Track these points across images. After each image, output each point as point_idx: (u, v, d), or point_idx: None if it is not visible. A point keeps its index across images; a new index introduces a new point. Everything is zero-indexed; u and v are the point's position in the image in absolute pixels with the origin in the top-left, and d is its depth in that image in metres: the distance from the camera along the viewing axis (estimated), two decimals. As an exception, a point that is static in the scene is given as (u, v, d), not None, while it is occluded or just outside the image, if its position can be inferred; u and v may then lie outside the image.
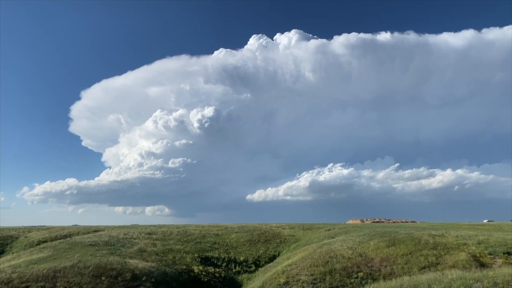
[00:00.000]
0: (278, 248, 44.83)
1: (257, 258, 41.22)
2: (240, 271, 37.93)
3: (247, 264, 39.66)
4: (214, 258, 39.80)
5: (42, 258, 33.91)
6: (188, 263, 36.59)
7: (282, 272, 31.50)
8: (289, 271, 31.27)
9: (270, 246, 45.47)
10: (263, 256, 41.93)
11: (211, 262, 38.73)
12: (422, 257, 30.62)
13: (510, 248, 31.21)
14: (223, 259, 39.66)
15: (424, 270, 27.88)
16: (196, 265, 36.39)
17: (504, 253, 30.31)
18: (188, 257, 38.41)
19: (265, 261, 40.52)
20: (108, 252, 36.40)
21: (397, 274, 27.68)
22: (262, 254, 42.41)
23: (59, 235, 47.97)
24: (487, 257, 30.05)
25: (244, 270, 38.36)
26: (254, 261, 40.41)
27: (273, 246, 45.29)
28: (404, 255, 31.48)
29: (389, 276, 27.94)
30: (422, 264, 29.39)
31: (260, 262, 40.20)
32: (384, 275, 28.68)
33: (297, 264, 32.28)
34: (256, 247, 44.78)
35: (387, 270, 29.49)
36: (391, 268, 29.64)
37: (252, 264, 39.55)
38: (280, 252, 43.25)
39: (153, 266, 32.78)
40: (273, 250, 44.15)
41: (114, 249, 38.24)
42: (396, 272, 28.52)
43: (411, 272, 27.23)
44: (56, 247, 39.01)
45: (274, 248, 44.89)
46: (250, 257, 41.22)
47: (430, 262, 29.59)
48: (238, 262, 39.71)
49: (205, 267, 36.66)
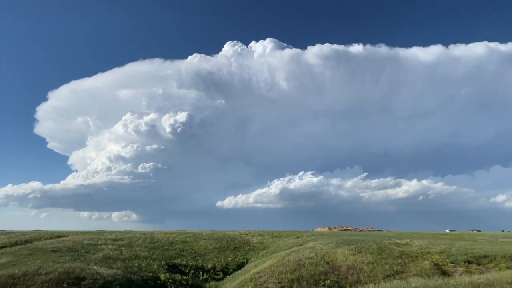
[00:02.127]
0: (246, 256, 44.71)
1: (226, 265, 40.95)
2: (207, 278, 37.56)
3: (215, 271, 39.32)
4: (182, 265, 39.26)
5: (0, 265, 32.50)
6: (154, 270, 35.93)
7: (250, 279, 31.43)
8: (257, 278, 31.23)
9: (239, 253, 45.30)
10: (232, 263, 41.71)
11: (179, 270, 38.18)
12: (387, 265, 31.26)
13: (470, 257, 32.32)
14: (191, 267, 39.18)
15: (389, 278, 28.47)
16: (163, 273, 35.78)
17: (465, 262, 31.37)
18: (155, 264, 37.74)
19: (233, 269, 40.30)
20: (72, 258, 35.29)
21: (363, 282, 28.15)
22: (230, 261, 42.18)
23: (20, 240, 46.09)
24: (449, 266, 31.02)
25: (212, 277, 38.00)
26: (222, 268, 40.12)
27: (241, 254, 45.14)
28: (370, 263, 32.06)
29: (355, 284, 28.39)
30: (387, 272, 30.00)
31: (228, 270, 39.96)
32: (351, 283, 29.10)
33: (265, 272, 32.29)
34: (224, 254, 44.50)
35: (354, 278, 29.93)
36: (357, 276, 30.10)
37: (220, 272, 39.26)
38: (248, 260, 43.15)
39: (118, 273, 32.01)
40: (241, 257, 43.99)
41: (78, 255, 37.12)
42: (362, 280, 28.99)
43: (376, 280, 27.74)
44: (15, 253, 37.48)
45: (242, 255, 44.74)
46: (218, 264, 40.92)
47: (395, 270, 30.26)
48: (206, 269, 39.32)
49: (172, 274, 36.10)
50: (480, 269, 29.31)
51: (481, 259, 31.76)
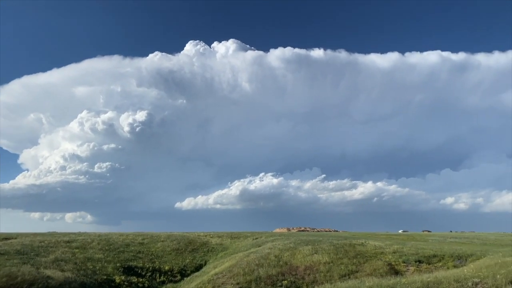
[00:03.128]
0: (205, 257, 44.36)
1: (183, 267, 40.43)
2: (164, 280, 36.92)
3: (172, 273, 38.71)
4: (138, 267, 38.36)
5: None
6: (109, 273, 34.88)
7: (208, 281, 31.22)
8: (215, 280, 31.08)
9: (197, 255, 44.86)
10: (190, 265, 41.23)
11: (135, 272, 37.28)
12: (343, 265, 32.04)
13: (421, 256, 33.75)
14: (148, 269, 38.37)
15: (344, 278, 29.17)
16: (118, 275, 34.81)
17: (416, 261, 32.72)
18: (110, 266, 36.65)
19: (192, 271, 39.87)
20: (20, 261, 33.58)
21: (319, 282, 28.68)
22: (188, 263, 41.69)
23: (-37, 243, 43.40)
24: (401, 265, 32.23)
25: (169, 279, 37.39)
26: (180, 270, 39.58)
27: (200, 255, 44.73)
28: (327, 263, 32.73)
29: (312, 284, 28.89)
30: (343, 272, 30.73)
31: (186, 272, 39.48)
32: (308, 283, 29.56)
33: (223, 273, 32.19)
34: (182, 256, 43.92)
35: (310, 278, 30.43)
36: (314, 276, 30.62)
37: (178, 274, 38.71)
38: (207, 261, 42.83)
39: (70, 276, 30.80)
40: (200, 259, 43.58)
41: (28, 258, 35.38)
42: (318, 280, 29.54)
43: (332, 280, 28.35)
44: (-42, 256, 35.20)
45: (201, 257, 44.34)
46: (176, 266, 40.32)
47: (350, 270, 31.05)
48: (163, 271, 38.63)
49: (128, 277, 35.20)
50: (429, 268, 30.65)
51: (431, 259, 33.24)
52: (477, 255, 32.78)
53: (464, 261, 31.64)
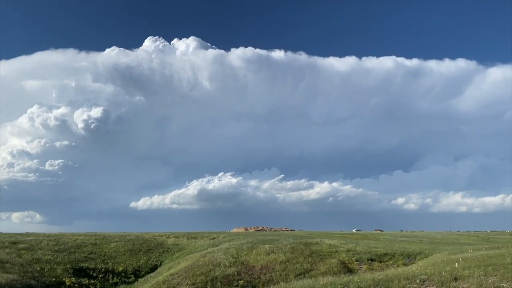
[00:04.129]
0: (160, 258, 43.57)
1: (138, 268, 39.51)
2: (118, 282, 35.94)
3: (126, 274, 37.74)
4: (90, 269, 37.08)
5: None
6: (58, 275, 33.50)
7: (163, 282, 30.71)
8: (170, 281, 30.61)
9: (153, 255, 43.98)
10: (144, 266, 40.35)
11: (86, 274, 36.01)
12: (298, 264, 32.52)
13: (373, 255, 34.89)
14: (100, 270, 37.17)
15: (300, 276, 29.61)
16: (68, 277, 33.51)
17: (368, 260, 33.78)
18: (60, 268, 35.20)
19: (146, 271, 39.06)
20: (-40, 264, 31.56)
21: (275, 281, 28.93)
22: (143, 264, 40.78)
23: None
24: (354, 264, 33.16)
25: (122, 281, 36.44)
26: (134, 271, 38.66)
27: (155, 256, 43.87)
28: (282, 262, 33.09)
29: (268, 283, 29.10)
30: (298, 271, 31.19)
31: (141, 273, 38.62)
32: (264, 282, 29.76)
33: (179, 274, 31.76)
34: (137, 256, 42.90)
35: (267, 277, 30.65)
36: (270, 275, 30.87)
37: (132, 275, 37.78)
38: (162, 262, 42.10)
39: (15, 279, 29.26)
40: (155, 259, 42.75)
41: (-32, 260, 33.30)
42: (274, 279, 29.80)
43: (288, 279, 28.67)
44: None
45: (156, 257, 43.51)
46: (130, 267, 39.34)
47: (306, 269, 31.58)
48: (116, 273, 37.57)
49: (79, 279, 33.96)
50: (381, 266, 31.74)
51: (382, 257, 34.44)
52: (425, 253, 34.33)
53: (413, 259, 33.02)
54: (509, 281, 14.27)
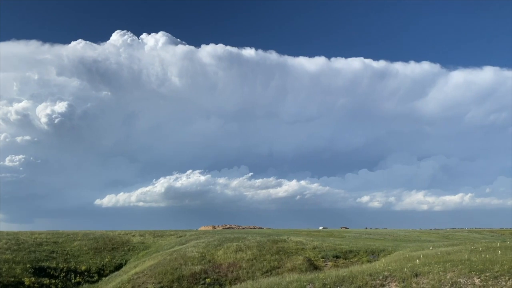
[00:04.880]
0: (125, 256, 42.75)
1: (102, 267, 38.61)
2: (80, 281, 35.02)
3: (89, 274, 36.81)
4: (51, 268, 35.92)
5: None
6: (17, 275, 32.27)
7: (128, 281, 30.17)
8: (135, 279, 30.10)
9: (117, 254, 43.08)
10: (109, 265, 39.48)
11: (47, 273, 34.87)
12: (265, 261, 32.71)
13: (338, 252, 35.55)
14: (62, 269, 36.07)
15: (266, 274, 29.79)
16: (28, 277, 32.33)
17: (334, 257, 34.40)
18: (19, 268, 33.90)
19: (111, 270, 38.26)
20: None
21: (242, 279, 28.98)
22: (107, 262, 39.89)
23: None
24: (320, 261, 33.69)
25: (85, 280, 35.54)
26: (98, 270, 37.76)
27: (120, 254, 43.00)
28: (250, 260, 33.20)
29: (235, 281, 29.10)
30: (265, 268, 31.38)
31: (105, 272, 37.77)
32: (231, 280, 29.75)
33: (144, 273, 31.27)
34: (101, 255, 41.90)
35: (234, 275, 30.66)
36: (237, 273, 30.90)
37: (95, 274, 36.89)
38: (127, 260, 41.33)
39: (-30, 280, 28.00)
40: (120, 258, 41.91)
41: None
42: (241, 277, 29.85)
43: (255, 276, 28.80)
44: None
45: (121, 256, 42.65)
46: (94, 266, 38.40)
47: (272, 266, 31.82)
48: (79, 272, 36.59)
49: (39, 278, 32.84)
50: (346, 263, 32.40)
51: (347, 254, 35.17)
52: (389, 250, 35.32)
53: (377, 256, 33.90)
54: (466, 277, 14.88)
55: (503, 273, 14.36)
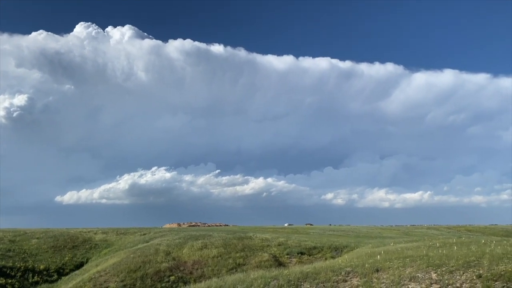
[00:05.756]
0: (87, 255, 41.62)
1: (61, 266, 37.43)
2: (39, 281, 33.83)
3: (48, 273, 35.61)
4: (7, 267, 34.47)
5: None
6: (-30, 275, 30.79)
7: (89, 279, 29.39)
8: (97, 278, 29.37)
9: (78, 252, 41.88)
10: (69, 263, 38.33)
11: (3, 273, 33.44)
12: (231, 259, 32.73)
13: (303, 248, 36.06)
14: (19, 269, 34.69)
15: (232, 271, 29.82)
16: (-18, 277, 30.92)
17: (298, 253, 34.86)
18: (-28, 268, 32.37)
19: (71, 269, 37.17)
20: None
21: (207, 276, 28.87)
22: (67, 261, 38.71)
23: None
24: (285, 257, 34.05)
25: (44, 279, 34.36)
26: (57, 269, 36.58)
27: (81, 253, 41.82)
28: (215, 257, 33.12)
29: (200, 279, 28.94)
30: (230, 265, 31.41)
31: (65, 270, 36.64)
32: (195, 277, 29.57)
33: (106, 271, 30.56)
34: (61, 254, 40.61)
35: (199, 272, 30.50)
36: (202, 270, 30.76)
37: (55, 273, 35.73)
38: (89, 259, 40.27)
39: None
40: (81, 256, 40.77)
41: None
42: (206, 274, 29.73)
43: (220, 274, 28.76)
44: None
45: (82, 254, 41.50)
46: (53, 265, 37.17)
47: (238, 263, 31.88)
48: (37, 271, 35.32)
49: (-6, 278, 31.44)
50: (310, 259, 32.93)
51: (311, 250, 35.74)
52: (351, 247, 36.15)
53: (340, 252, 34.62)
54: (424, 271, 15.46)
55: (458, 268, 15.01)
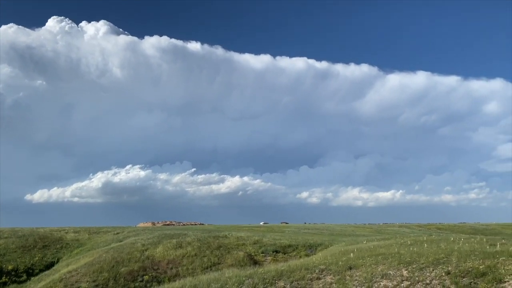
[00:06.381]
0: (58, 255, 40.62)
1: (31, 266, 36.41)
2: (7, 281, 32.83)
3: (17, 273, 34.59)
4: (-27, 268, 33.35)
5: None
6: None
7: (60, 280, 28.71)
8: (68, 278, 28.73)
9: (49, 252, 40.82)
10: (39, 263, 37.33)
11: (-32, 274, 32.32)
12: (206, 258, 32.60)
13: (278, 247, 36.27)
14: (-15, 270, 33.61)
15: (207, 270, 29.70)
16: None
17: (273, 252, 35.05)
18: None
19: (41, 269, 36.20)
20: None
21: (182, 276, 28.66)
22: (37, 261, 37.68)
23: None
24: (260, 256, 34.17)
25: (12, 280, 33.37)
26: (27, 269, 35.58)
27: (52, 253, 40.77)
28: (190, 256, 32.91)
29: (174, 278, 28.70)
30: (205, 264, 31.28)
31: (34, 271, 35.66)
32: (170, 277, 29.31)
33: (78, 271, 29.92)
34: (30, 254, 39.49)
35: (173, 272, 30.25)
36: (176, 270, 30.51)
37: (24, 273, 34.73)
38: (60, 259, 39.32)
39: None
40: (51, 256, 39.75)
41: None
42: (181, 274, 29.51)
43: (195, 273, 28.61)
44: None
45: (53, 254, 40.47)
46: (22, 265, 36.12)
47: (213, 262, 31.78)
48: (5, 271, 34.27)
49: (-42, 280, 30.32)
50: (285, 258, 33.16)
51: (286, 249, 35.98)
52: (325, 245, 36.61)
53: (314, 250, 35.01)
54: (395, 269, 15.82)
55: (428, 265, 15.43)
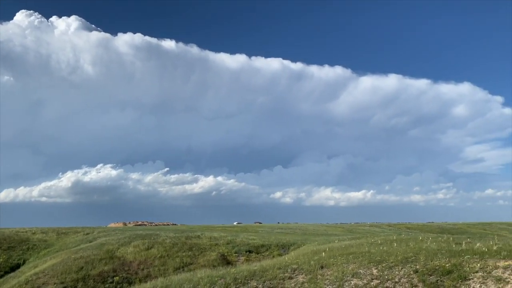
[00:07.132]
0: (24, 256, 39.34)
1: (-5, 268, 35.16)
2: (-32, 285, 31.53)
3: (-21, 276, 33.30)
4: None
5: None
6: None
7: (26, 282, 27.83)
8: (35, 280, 27.87)
9: (14, 253, 39.46)
10: (3, 265, 36.05)
11: None
12: (178, 258, 32.30)
13: (251, 247, 36.32)
14: None
15: (179, 270, 29.41)
16: None
17: (246, 252, 35.08)
18: None
19: (6, 271, 35.00)
20: None
21: (153, 276, 28.28)
22: (1, 263, 36.37)
23: None
24: (233, 256, 34.13)
25: (-26, 283, 32.08)
26: (-10, 272, 34.31)
27: (17, 254, 39.44)
28: (162, 257, 32.53)
29: (145, 279, 28.30)
30: (177, 265, 30.98)
31: (-1, 273, 34.44)
32: (141, 278, 28.88)
33: (45, 272, 29.08)
34: (-6, 255, 38.11)
35: (144, 272, 29.82)
36: (148, 270, 30.10)
37: (-13, 276, 33.48)
38: (26, 260, 38.09)
39: None
40: (17, 258, 38.45)
41: None
42: (152, 274, 29.12)
43: (167, 274, 28.26)
44: None
45: (19, 256, 39.15)
46: (-15, 267, 34.81)
47: (185, 263, 31.52)
48: (-34, 274, 32.94)
49: None
50: (258, 258, 33.22)
51: (259, 249, 36.06)
52: (298, 244, 36.89)
53: (287, 250, 35.22)
54: (365, 267, 16.08)
55: (397, 263, 15.77)
